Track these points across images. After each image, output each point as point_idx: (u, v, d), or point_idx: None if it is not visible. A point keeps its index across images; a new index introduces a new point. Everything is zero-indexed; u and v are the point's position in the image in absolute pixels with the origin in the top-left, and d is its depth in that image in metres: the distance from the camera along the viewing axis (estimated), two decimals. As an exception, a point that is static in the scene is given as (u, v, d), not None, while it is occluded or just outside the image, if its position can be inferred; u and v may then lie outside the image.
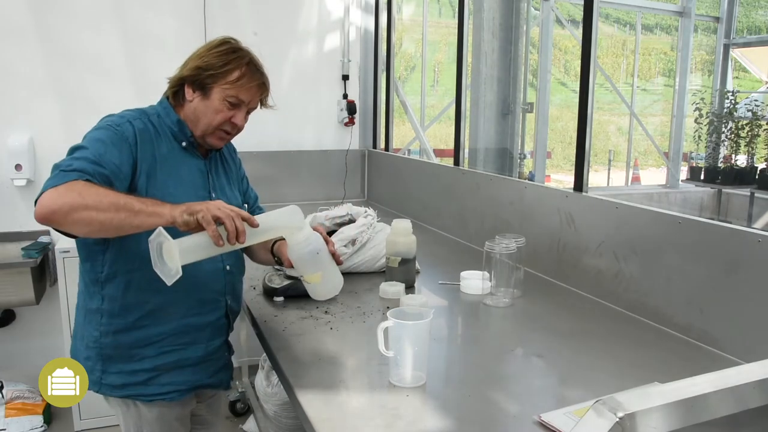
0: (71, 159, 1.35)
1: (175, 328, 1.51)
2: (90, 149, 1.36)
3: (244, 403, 3.12)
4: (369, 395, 1.29)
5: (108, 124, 1.44)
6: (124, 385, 1.51)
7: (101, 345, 1.49)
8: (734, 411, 0.65)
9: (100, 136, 1.40)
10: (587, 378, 1.41)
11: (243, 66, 1.50)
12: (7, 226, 3.07)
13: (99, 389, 1.52)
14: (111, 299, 1.47)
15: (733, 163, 5.90)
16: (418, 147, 4.49)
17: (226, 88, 1.49)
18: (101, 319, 1.48)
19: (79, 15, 3.10)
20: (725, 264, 1.52)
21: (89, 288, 1.50)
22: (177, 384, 1.54)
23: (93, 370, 1.50)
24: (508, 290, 1.86)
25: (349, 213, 2.20)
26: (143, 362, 1.50)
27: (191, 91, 1.51)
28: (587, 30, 1.99)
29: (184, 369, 1.55)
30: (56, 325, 2.88)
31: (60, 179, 1.27)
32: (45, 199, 1.25)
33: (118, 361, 1.50)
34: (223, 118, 1.51)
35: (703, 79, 9.85)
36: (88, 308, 1.51)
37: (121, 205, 1.26)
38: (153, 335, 1.49)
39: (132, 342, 1.49)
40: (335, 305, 1.82)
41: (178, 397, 1.55)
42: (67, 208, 1.23)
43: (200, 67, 1.49)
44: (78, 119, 3.10)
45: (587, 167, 2.05)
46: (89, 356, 1.51)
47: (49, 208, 1.24)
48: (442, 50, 13.88)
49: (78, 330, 1.56)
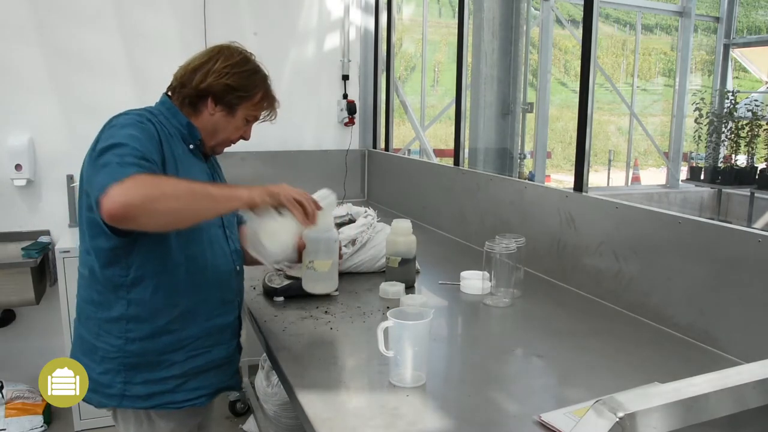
0: (117, 155, 1.25)
1: (203, 330, 1.49)
2: (130, 145, 1.28)
3: (244, 403, 3.12)
4: (369, 395, 1.29)
5: (133, 121, 1.37)
6: (151, 395, 1.44)
7: (125, 354, 1.42)
8: (734, 411, 0.65)
9: (134, 132, 1.32)
10: (587, 378, 1.41)
11: (265, 87, 1.57)
12: (7, 226, 3.07)
13: (120, 403, 1.43)
14: (138, 303, 1.41)
15: (733, 163, 5.90)
16: (418, 147, 4.49)
17: (251, 108, 1.55)
18: (126, 325, 1.41)
19: (79, 15, 3.10)
20: (725, 264, 1.52)
21: (108, 296, 1.42)
22: (205, 388, 1.51)
23: (112, 384, 1.42)
24: (508, 290, 1.86)
25: (349, 213, 2.20)
26: (172, 368, 1.45)
27: (213, 105, 1.52)
28: (587, 30, 1.99)
29: (209, 372, 1.52)
30: (56, 325, 2.87)
31: (120, 173, 1.19)
32: (114, 195, 1.16)
33: (144, 370, 1.43)
34: (239, 134, 1.58)
35: (703, 79, 9.85)
36: (107, 318, 1.42)
37: (198, 191, 1.26)
38: (183, 338, 1.46)
39: (161, 347, 1.43)
40: (335, 305, 1.82)
41: (206, 402, 1.52)
42: (143, 199, 1.18)
43: (231, 86, 1.50)
44: (78, 119, 3.13)
45: (587, 167, 2.05)
46: (107, 370, 1.42)
47: (122, 203, 1.16)
48: (442, 50, 13.88)
49: (86, 345, 1.46)
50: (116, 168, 1.21)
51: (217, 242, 1.52)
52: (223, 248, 1.54)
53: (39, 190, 3.14)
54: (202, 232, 1.47)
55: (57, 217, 3.15)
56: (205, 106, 1.52)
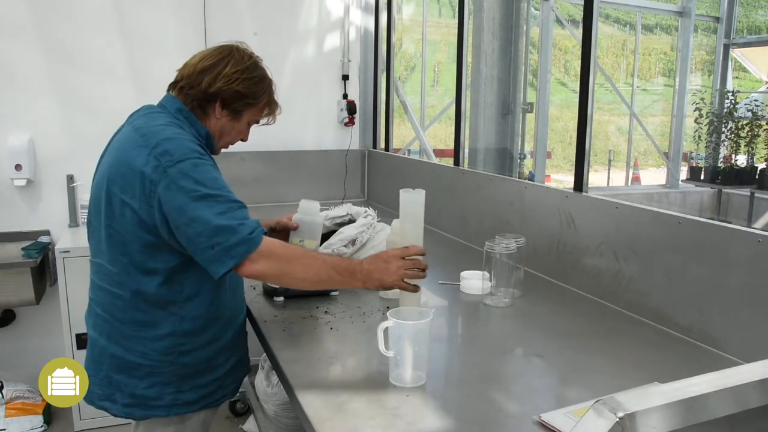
0: (224, 217, 1.33)
1: (236, 332, 1.62)
2: (223, 197, 1.36)
3: (244, 403, 3.12)
4: (369, 395, 1.29)
5: (198, 158, 1.38)
6: (201, 398, 1.52)
7: (177, 366, 1.47)
8: (734, 411, 0.65)
9: (215, 175, 1.39)
10: (587, 378, 1.41)
11: (270, 93, 1.61)
12: (7, 226, 3.07)
13: (169, 412, 1.48)
14: (192, 318, 1.46)
15: (733, 163, 5.90)
16: (418, 147, 4.49)
17: (254, 114, 1.60)
18: (178, 339, 1.45)
19: (79, 15, 3.10)
20: (725, 264, 1.52)
21: (156, 314, 1.44)
22: (236, 381, 1.65)
23: (161, 396, 1.46)
24: (508, 290, 1.86)
25: (349, 213, 2.20)
26: (217, 371, 1.55)
27: (220, 109, 1.53)
28: (587, 30, 1.99)
29: (239, 367, 1.65)
30: (56, 325, 2.87)
31: (253, 244, 1.34)
32: (254, 268, 1.34)
33: (195, 377, 1.50)
34: (241, 137, 1.64)
35: (703, 79, 9.85)
36: (153, 336, 1.44)
37: (324, 279, 1.43)
38: (226, 344, 1.56)
39: (211, 355, 1.52)
40: (335, 305, 1.82)
41: (236, 392, 1.66)
42: (277, 276, 1.42)
43: (241, 93, 1.52)
44: (78, 119, 3.13)
45: (587, 167, 2.05)
46: (154, 383, 1.46)
47: (261, 275, 1.39)
48: (442, 50, 13.89)
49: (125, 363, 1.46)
50: (247, 239, 1.33)
51: None
52: None
53: (39, 190, 3.14)
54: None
55: (57, 217, 3.15)
56: (212, 109, 1.53)
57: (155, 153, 1.35)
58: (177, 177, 1.33)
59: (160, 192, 1.33)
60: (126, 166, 1.38)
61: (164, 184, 1.33)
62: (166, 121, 1.46)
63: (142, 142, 1.39)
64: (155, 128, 1.43)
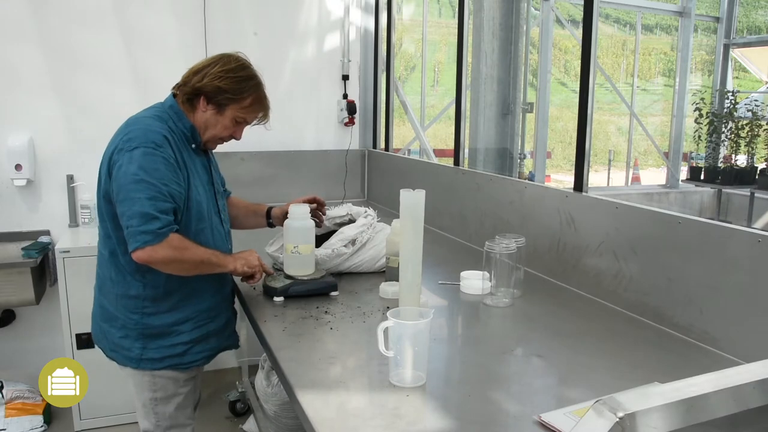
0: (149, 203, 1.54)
1: (206, 305, 1.77)
2: (156, 187, 1.56)
3: (244, 403, 3.12)
4: (369, 395, 1.29)
5: (153, 148, 1.59)
6: (163, 357, 1.72)
7: (142, 326, 1.69)
8: (734, 411, 0.65)
9: (158, 166, 1.58)
10: (587, 378, 1.41)
11: (258, 92, 1.74)
12: (7, 226, 3.07)
13: (138, 365, 1.71)
14: (154, 285, 1.67)
15: (733, 163, 5.90)
16: (418, 147, 4.49)
17: (239, 110, 1.72)
18: (142, 302, 1.68)
19: (80, 15, 3.10)
20: (725, 264, 1.52)
21: (125, 276, 1.67)
22: (207, 351, 1.81)
23: (131, 348, 1.70)
24: (508, 290, 1.86)
25: (349, 213, 2.20)
26: (181, 336, 1.73)
27: (205, 104, 1.71)
28: (587, 30, 1.99)
29: (211, 338, 1.81)
30: (56, 325, 2.87)
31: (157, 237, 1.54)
32: (144, 255, 1.55)
33: (158, 339, 1.71)
34: (229, 133, 1.77)
35: (703, 79, 9.85)
36: (124, 294, 1.69)
37: (204, 261, 1.65)
38: (190, 313, 1.74)
39: (172, 321, 1.71)
40: (335, 305, 1.82)
41: (207, 361, 1.83)
42: (164, 262, 1.59)
43: (221, 89, 1.69)
44: (78, 119, 3.13)
45: (587, 167, 2.05)
46: (126, 335, 1.70)
47: (149, 261, 1.56)
48: (442, 50, 13.89)
49: (107, 314, 1.73)
50: (154, 233, 1.53)
51: (216, 228, 1.79)
52: (220, 232, 1.82)
53: (39, 190, 3.14)
54: (207, 222, 1.74)
55: (57, 217, 3.15)
56: (198, 103, 1.71)
57: (123, 138, 1.61)
58: (127, 160, 1.57)
59: (114, 170, 1.58)
60: (109, 148, 1.65)
61: (118, 165, 1.58)
62: (151, 114, 1.70)
63: (122, 128, 1.66)
64: (136, 118, 1.69)
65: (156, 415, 1.79)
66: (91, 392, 2.05)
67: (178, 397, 1.80)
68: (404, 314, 1.30)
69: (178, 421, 1.83)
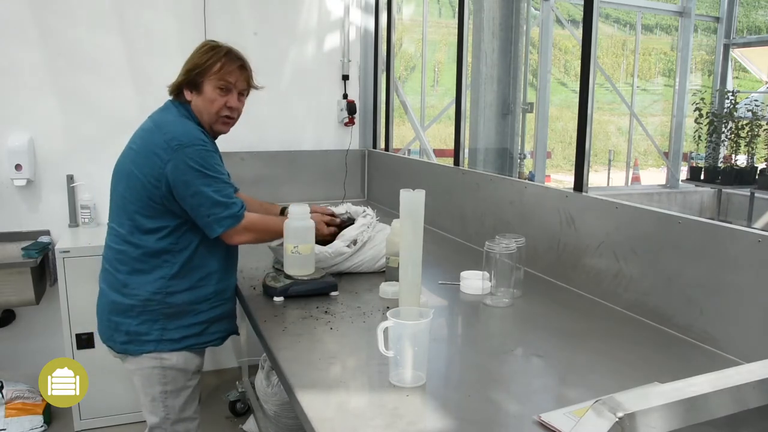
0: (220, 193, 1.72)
1: (219, 287, 1.85)
2: (219, 179, 1.74)
3: (244, 403, 3.12)
4: (369, 395, 1.29)
5: (202, 145, 1.72)
6: (182, 338, 1.80)
7: (165, 305, 1.76)
8: (734, 411, 0.65)
9: (213, 160, 1.74)
10: (587, 378, 1.41)
11: (222, 57, 1.79)
12: (7, 226, 3.07)
13: (157, 347, 1.77)
14: (182, 264, 1.77)
15: (733, 163, 5.90)
16: (418, 147, 4.49)
17: (213, 78, 1.78)
18: (168, 281, 1.76)
19: (79, 15, 3.10)
20: (725, 264, 1.52)
21: (154, 261, 1.75)
22: (220, 332, 1.90)
23: (150, 332, 1.76)
24: (508, 290, 1.86)
25: (348, 212, 2.21)
26: (199, 315, 1.81)
27: (189, 92, 1.80)
28: (587, 30, 1.99)
29: (222, 320, 1.90)
30: (56, 325, 2.87)
31: (237, 220, 1.75)
32: (236, 237, 1.78)
33: (178, 318, 1.78)
34: (219, 104, 1.80)
35: (703, 79, 9.86)
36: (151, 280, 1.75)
37: (278, 231, 1.87)
38: (208, 293, 1.82)
39: (193, 299, 1.79)
40: (335, 305, 1.82)
41: (221, 343, 1.92)
42: (251, 241, 1.84)
43: (189, 69, 1.78)
44: (78, 119, 3.13)
45: (587, 167, 2.05)
46: (145, 320, 1.76)
47: (239, 242, 1.81)
48: (442, 50, 13.90)
49: (121, 307, 1.77)
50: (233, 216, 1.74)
51: None
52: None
53: (39, 190, 3.14)
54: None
55: (57, 217, 3.15)
56: (185, 97, 1.80)
57: (166, 138, 1.69)
58: (185, 158, 1.67)
59: (168, 169, 1.67)
60: (145, 148, 1.72)
61: (173, 164, 1.67)
62: (174, 116, 1.79)
63: (157, 130, 1.74)
64: (166, 121, 1.77)
65: (166, 408, 1.83)
66: (91, 392, 2.05)
67: (187, 390, 1.85)
68: (404, 314, 1.30)
69: (186, 415, 1.87)
